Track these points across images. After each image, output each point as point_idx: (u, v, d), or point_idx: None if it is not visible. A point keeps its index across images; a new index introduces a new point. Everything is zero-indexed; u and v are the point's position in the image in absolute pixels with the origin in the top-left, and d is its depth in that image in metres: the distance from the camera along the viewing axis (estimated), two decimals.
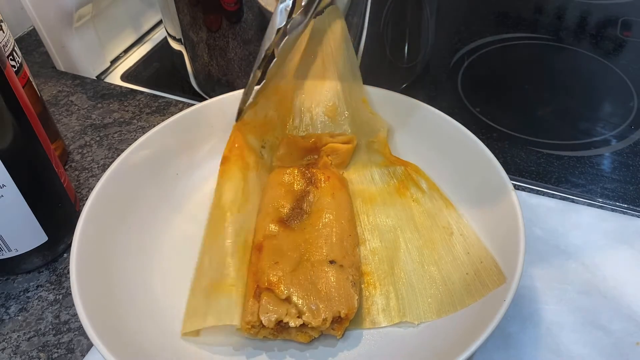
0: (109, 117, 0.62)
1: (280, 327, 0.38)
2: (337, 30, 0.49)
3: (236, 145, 0.49)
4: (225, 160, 0.48)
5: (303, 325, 0.37)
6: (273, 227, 0.42)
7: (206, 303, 0.39)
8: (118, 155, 0.46)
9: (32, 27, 0.76)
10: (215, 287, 0.40)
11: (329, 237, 0.41)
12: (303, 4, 0.45)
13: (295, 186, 0.46)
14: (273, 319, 0.37)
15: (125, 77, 0.69)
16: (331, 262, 0.40)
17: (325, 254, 0.40)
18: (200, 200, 0.48)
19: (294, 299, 0.38)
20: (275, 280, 0.38)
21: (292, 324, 0.37)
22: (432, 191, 0.46)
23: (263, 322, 0.37)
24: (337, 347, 0.39)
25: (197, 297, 0.40)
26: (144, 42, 0.74)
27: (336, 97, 0.51)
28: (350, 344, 0.39)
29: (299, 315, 0.37)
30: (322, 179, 0.46)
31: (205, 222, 0.45)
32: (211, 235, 0.43)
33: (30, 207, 0.43)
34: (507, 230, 0.40)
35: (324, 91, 0.52)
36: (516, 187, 0.50)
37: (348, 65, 0.50)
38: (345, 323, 0.38)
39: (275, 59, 0.47)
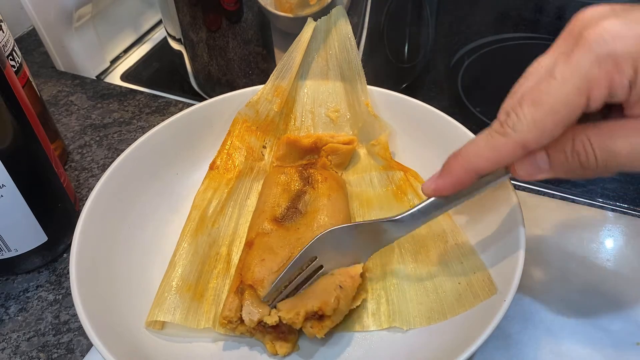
0: (109, 117, 0.62)
1: (259, 326, 0.38)
2: (341, 30, 0.49)
3: (226, 150, 0.49)
4: (212, 166, 0.48)
5: (278, 326, 0.37)
6: (267, 225, 0.42)
7: (176, 301, 0.40)
8: (118, 155, 0.46)
9: (31, 27, 0.76)
10: (187, 290, 0.41)
11: None
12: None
13: (291, 186, 0.46)
14: (255, 319, 0.37)
15: (125, 77, 0.69)
16: None
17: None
18: None
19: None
20: (259, 277, 0.38)
21: (268, 322, 0.37)
22: None
23: (245, 321, 0.37)
24: (324, 349, 0.39)
25: (167, 293, 0.40)
26: (144, 42, 0.74)
27: (339, 99, 0.51)
28: (338, 346, 0.39)
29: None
30: (320, 180, 0.46)
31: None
32: (187, 239, 0.43)
33: (30, 207, 0.42)
34: (507, 230, 0.40)
35: (326, 92, 0.51)
36: (516, 187, 0.50)
37: (352, 66, 0.50)
38: (326, 322, 0.37)
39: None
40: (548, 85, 0.29)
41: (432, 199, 0.37)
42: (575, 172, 0.31)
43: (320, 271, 0.39)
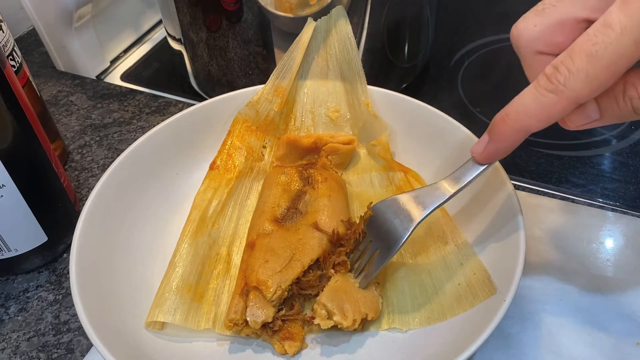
0: (109, 117, 0.62)
1: (264, 327, 0.38)
2: (341, 30, 0.49)
3: (226, 150, 0.49)
4: (212, 166, 0.48)
5: (284, 326, 0.38)
6: (267, 226, 0.42)
7: (176, 301, 0.40)
8: (118, 155, 0.46)
9: (31, 27, 0.76)
10: (187, 291, 0.41)
11: (322, 239, 0.41)
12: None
13: (291, 186, 0.46)
14: (259, 321, 0.37)
15: (125, 77, 0.69)
16: None
17: (316, 255, 0.40)
18: None
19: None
20: (263, 279, 0.38)
21: (272, 325, 0.38)
22: None
23: (249, 323, 0.37)
24: (324, 350, 0.39)
25: (168, 293, 0.40)
26: (144, 42, 0.74)
27: (339, 99, 0.51)
28: (338, 347, 0.39)
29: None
30: (320, 180, 0.46)
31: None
32: (187, 240, 0.44)
33: (30, 207, 0.42)
34: (507, 230, 0.40)
35: (326, 92, 0.51)
36: (516, 187, 0.50)
37: (352, 66, 0.50)
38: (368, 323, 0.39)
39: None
40: (605, 37, 0.27)
41: (476, 166, 0.36)
42: (627, 117, 0.30)
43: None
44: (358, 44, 0.55)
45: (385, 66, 0.61)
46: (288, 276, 0.39)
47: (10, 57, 0.49)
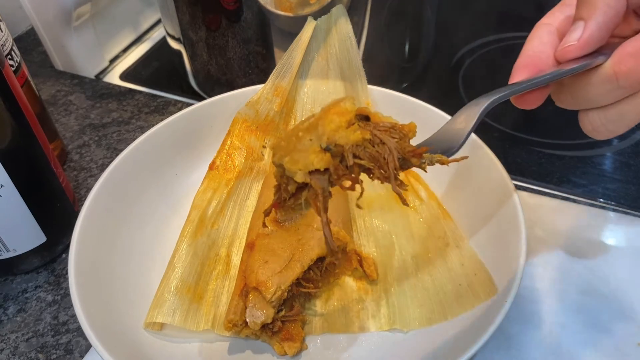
0: (108, 117, 0.62)
1: (264, 328, 0.38)
2: (342, 30, 0.49)
3: (226, 150, 0.49)
4: (211, 166, 0.48)
5: (283, 327, 0.38)
6: (267, 227, 0.42)
7: (175, 302, 0.40)
8: (117, 155, 0.46)
9: (30, 27, 0.76)
10: (187, 291, 0.41)
11: (322, 239, 0.41)
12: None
13: None
14: (259, 322, 0.37)
15: (124, 76, 0.69)
16: None
17: (315, 255, 0.40)
18: None
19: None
20: (263, 279, 0.38)
21: (271, 326, 0.38)
22: (431, 200, 0.46)
23: (249, 324, 0.37)
24: (325, 350, 0.39)
25: (167, 294, 0.40)
26: (143, 42, 0.74)
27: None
28: (339, 347, 0.39)
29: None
30: None
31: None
32: (186, 241, 0.43)
33: (28, 207, 0.42)
34: (508, 230, 0.40)
35: (327, 92, 0.51)
36: (517, 187, 0.50)
37: (352, 66, 0.50)
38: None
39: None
40: None
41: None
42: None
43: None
44: (358, 43, 0.55)
45: (385, 66, 0.61)
46: (288, 277, 0.38)
47: (9, 56, 0.49)
